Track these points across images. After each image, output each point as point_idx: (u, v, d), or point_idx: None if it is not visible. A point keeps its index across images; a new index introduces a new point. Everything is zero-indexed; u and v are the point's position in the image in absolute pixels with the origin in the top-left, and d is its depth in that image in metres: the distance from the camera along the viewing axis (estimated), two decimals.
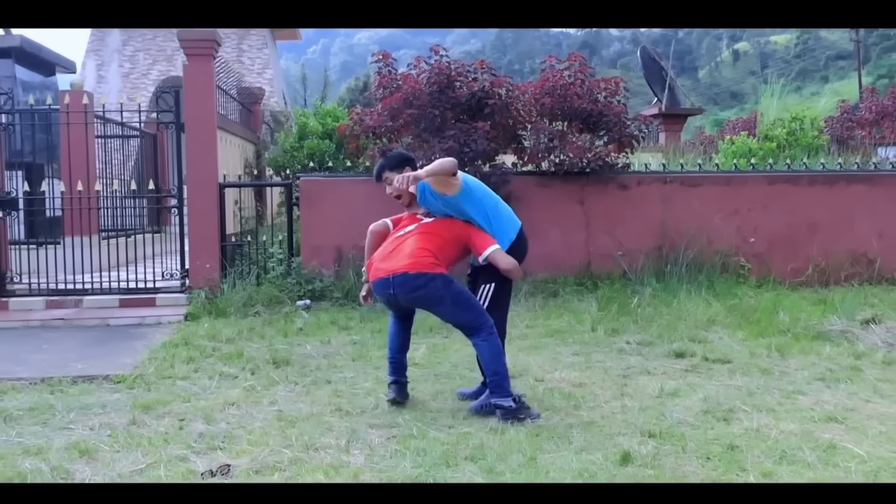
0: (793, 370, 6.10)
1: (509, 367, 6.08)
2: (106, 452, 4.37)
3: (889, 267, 9.56)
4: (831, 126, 16.54)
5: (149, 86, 20.70)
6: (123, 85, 20.65)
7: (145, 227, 11.46)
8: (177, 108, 9.12)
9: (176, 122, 9.20)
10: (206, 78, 9.03)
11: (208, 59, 9.05)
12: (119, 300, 8.77)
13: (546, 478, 3.88)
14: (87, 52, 21.23)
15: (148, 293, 8.87)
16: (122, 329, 7.99)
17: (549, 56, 10.13)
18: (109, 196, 10.17)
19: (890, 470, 4.03)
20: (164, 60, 21.37)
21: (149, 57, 21.43)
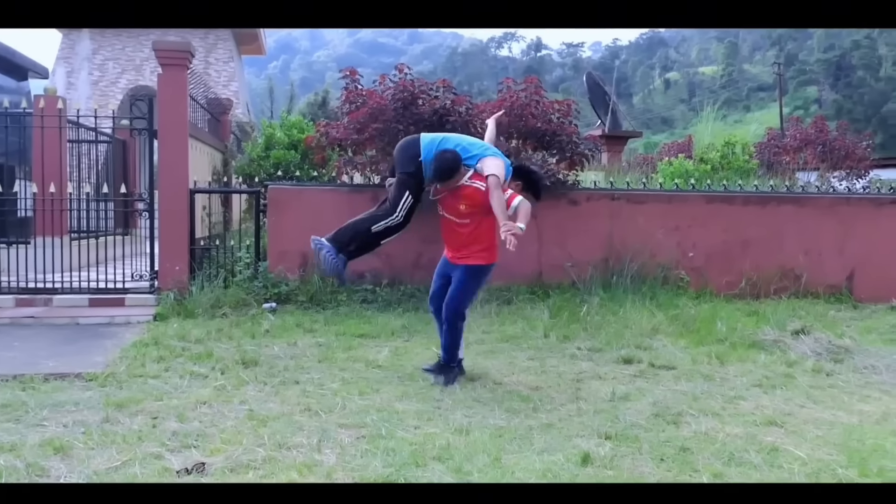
0: (732, 376, 6.16)
1: (469, 371, 6.08)
2: (80, 450, 4.19)
3: (814, 282, 9.72)
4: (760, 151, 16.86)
5: (117, 94, 20.26)
6: (92, 92, 20.18)
7: (114, 229, 11.13)
8: (150, 115, 8.90)
9: (149, 129, 8.98)
10: (179, 87, 8.82)
11: (182, 69, 8.84)
12: (89, 300, 8.48)
13: (512, 478, 3.83)
14: (58, 60, 20.71)
15: (117, 293, 8.60)
16: (91, 328, 7.72)
17: (507, 78, 10.13)
18: (80, 198, 9.87)
19: (829, 472, 4.07)
20: (132, 70, 20.93)
21: (118, 66, 20.97)
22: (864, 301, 9.63)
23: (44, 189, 8.86)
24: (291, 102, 33.10)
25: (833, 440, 4.60)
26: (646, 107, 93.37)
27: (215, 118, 12.80)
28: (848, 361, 6.67)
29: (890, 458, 4.28)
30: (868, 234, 9.94)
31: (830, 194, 10.78)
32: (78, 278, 8.66)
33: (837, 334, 7.44)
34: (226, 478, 3.78)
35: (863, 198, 10.54)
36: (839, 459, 4.25)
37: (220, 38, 21.45)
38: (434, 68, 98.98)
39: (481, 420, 4.82)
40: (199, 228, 9.33)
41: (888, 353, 6.96)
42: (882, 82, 76.52)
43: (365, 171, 9.64)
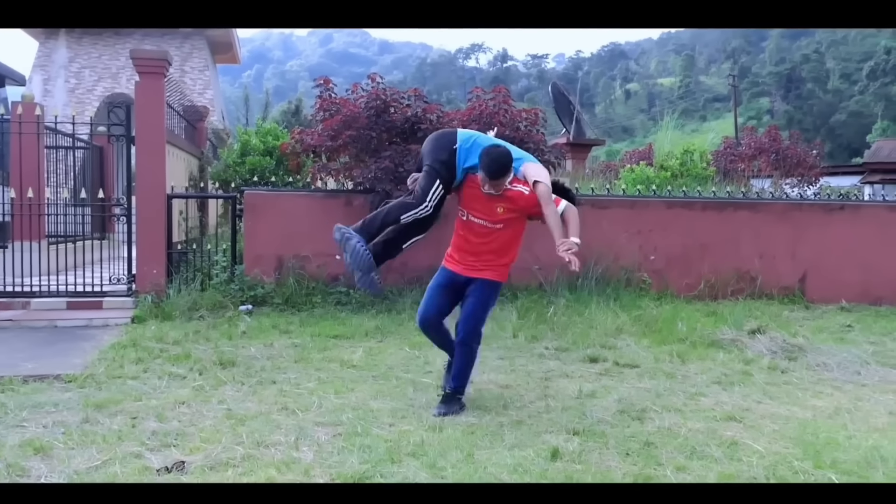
0: (693, 374, 6.22)
1: (441, 371, 6.05)
2: (61, 450, 4.11)
3: (769, 284, 9.86)
4: (717, 159, 17.08)
5: (93, 101, 19.98)
6: (69, 99, 19.87)
7: (91, 233, 10.97)
8: (127, 122, 8.81)
9: (126, 136, 8.88)
10: (156, 95, 8.72)
11: (159, 77, 8.75)
12: (67, 302, 8.34)
13: (484, 473, 3.82)
14: (34, 67, 20.40)
15: (95, 296, 8.47)
16: (69, 330, 7.60)
17: (476, 87, 10.16)
18: (58, 203, 9.72)
19: (785, 464, 4.11)
20: (109, 78, 20.67)
21: (94, 74, 20.70)
22: (816, 302, 9.79)
23: (21, 194, 8.71)
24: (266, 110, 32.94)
25: (789, 434, 4.66)
26: (608, 116, 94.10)
27: (191, 125, 12.70)
28: (801, 359, 6.75)
29: (842, 450, 4.34)
30: (819, 238, 10.11)
31: (783, 201, 10.96)
32: (56, 282, 8.53)
33: (791, 333, 7.56)
34: (205, 476, 3.73)
35: (814, 204, 10.74)
36: (795, 452, 4.30)
37: (195, 47, 21.26)
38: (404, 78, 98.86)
39: (454, 417, 4.81)
40: (176, 233, 9.23)
41: (839, 351, 7.06)
42: (830, 94, 77.88)
43: (339, 177, 9.61)
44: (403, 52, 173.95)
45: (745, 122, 46.17)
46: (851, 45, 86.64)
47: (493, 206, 4.91)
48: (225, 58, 24.50)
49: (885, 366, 6.71)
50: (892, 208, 10.76)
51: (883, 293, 9.99)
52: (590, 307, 8.35)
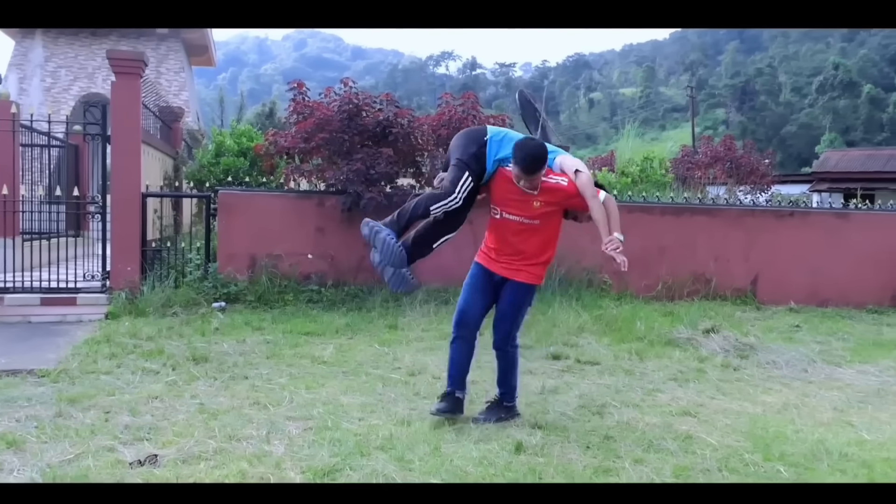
0: (650, 371, 6.28)
1: (410, 367, 6.06)
2: (34, 443, 4.05)
3: (723, 285, 9.99)
4: (675, 166, 17.29)
5: (69, 101, 19.61)
6: (45, 98, 19.47)
7: (66, 231, 10.77)
8: (103, 121, 8.67)
9: (102, 135, 8.73)
10: (132, 95, 8.60)
11: (135, 77, 8.62)
12: (40, 299, 8.17)
13: (451, 465, 3.83)
14: (10, 66, 19.98)
15: (69, 293, 8.31)
16: (43, 326, 7.46)
17: (446, 93, 10.18)
18: (33, 200, 9.54)
19: (737, 457, 4.18)
20: (85, 78, 20.31)
21: (70, 73, 20.32)
22: (766, 303, 9.94)
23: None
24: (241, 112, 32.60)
25: (740, 428, 4.73)
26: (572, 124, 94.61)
27: (167, 125, 12.54)
28: (752, 357, 6.85)
29: (790, 443, 4.42)
30: (770, 243, 10.27)
31: (737, 206, 11.11)
32: (30, 278, 8.35)
33: (743, 333, 7.66)
34: (178, 469, 3.69)
35: (765, 210, 10.90)
36: (746, 445, 4.37)
37: (171, 49, 20.98)
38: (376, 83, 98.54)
39: (422, 412, 4.80)
40: (151, 231, 9.11)
41: (787, 349, 7.18)
42: (782, 107, 79.17)
43: (311, 179, 9.56)
44: (376, 58, 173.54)
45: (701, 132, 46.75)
46: (802, 61, 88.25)
47: (529, 200, 4.44)
48: (200, 60, 24.22)
49: (831, 364, 6.84)
50: (839, 215, 10.97)
51: (829, 295, 10.17)
52: (553, 307, 8.38)
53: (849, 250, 10.42)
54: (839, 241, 10.46)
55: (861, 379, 6.33)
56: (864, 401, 5.61)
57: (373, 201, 8.46)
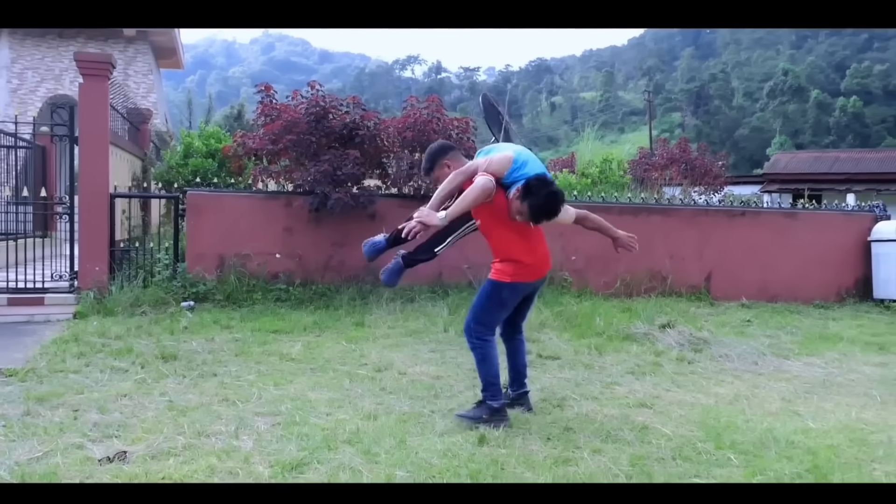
0: (609, 365, 6.35)
1: (376, 363, 6.06)
2: (1, 442, 3.96)
3: (678, 282, 10.15)
4: (633, 168, 17.48)
5: (36, 102, 19.20)
6: (11, 99, 19.04)
7: (33, 231, 10.55)
8: (71, 122, 8.52)
9: (70, 136, 8.59)
10: (100, 97, 8.46)
11: (103, 79, 8.49)
12: (7, 299, 8.01)
13: (416, 458, 3.84)
14: None
15: (37, 293, 8.16)
16: (10, 326, 7.30)
17: (411, 96, 10.18)
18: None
19: (690, 446, 4.24)
20: (52, 79, 19.89)
21: (37, 75, 19.88)
22: (720, 299, 10.12)
23: None
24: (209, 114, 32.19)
25: (694, 419, 4.81)
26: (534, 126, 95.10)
27: (135, 127, 12.37)
28: (706, 351, 6.97)
29: (740, 433, 4.51)
30: (723, 241, 10.46)
31: (692, 206, 11.29)
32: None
33: (697, 328, 7.77)
34: (147, 465, 3.65)
35: (719, 210, 11.10)
36: (699, 435, 4.44)
37: (139, 52, 20.66)
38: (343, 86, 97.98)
39: (388, 407, 4.82)
40: (119, 231, 8.98)
41: (739, 343, 7.31)
42: (734, 111, 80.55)
43: (279, 180, 9.50)
44: (343, 61, 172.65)
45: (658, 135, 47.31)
46: (754, 66, 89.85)
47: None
48: (168, 63, 23.89)
49: (780, 357, 6.99)
50: (788, 214, 11.21)
51: (779, 291, 10.40)
52: None
53: (797, 248, 10.66)
54: (788, 239, 10.70)
55: (808, 371, 6.48)
56: (810, 391, 5.73)
57: (339, 202, 8.44)
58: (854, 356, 7.16)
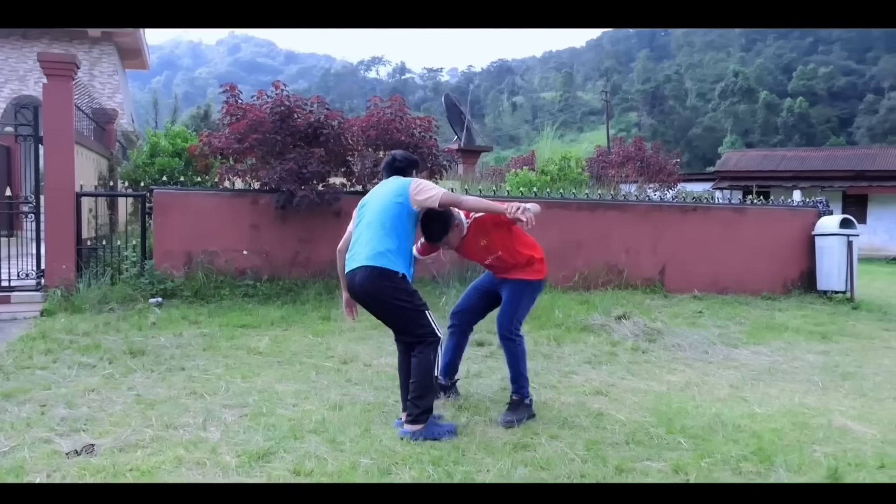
0: (567, 355, 6.44)
1: (342, 356, 6.05)
2: None
3: (634, 275, 10.29)
4: (591, 165, 17.65)
5: (0, 103, 18.77)
6: None
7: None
8: (35, 123, 8.35)
9: (34, 136, 8.42)
10: (64, 97, 8.31)
11: (67, 80, 8.34)
12: None
13: (380, 445, 3.87)
14: None
15: (3, 291, 8.00)
16: None
17: (374, 96, 10.17)
18: None
19: (643, 431, 4.33)
20: (16, 80, 19.46)
21: (1, 76, 19.44)
22: (673, 291, 10.29)
23: None
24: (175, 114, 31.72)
25: (647, 405, 4.91)
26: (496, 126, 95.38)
27: (101, 127, 12.16)
28: (659, 341, 7.10)
29: (690, 418, 4.61)
30: (676, 235, 10.63)
31: (646, 202, 11.45)
32: None
33: (651, 319, 7.91)
34: (115, 457, 3.62)
35: (672, 206, 11.27)
36: (651, 420, 4.54)
37: (104, 53, 20.29)
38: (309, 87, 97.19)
39: (353, 397, 4.84)
40: (86, 230, 8.83)
41: (691, 333, 7.47)
42: (688, 111, 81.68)
43: (245, 178, 9.43)
44: (308, 62, 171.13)
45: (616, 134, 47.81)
46: (706, 68, 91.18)
47: (477, 248, 4.71)
48: (134, 63, 23.51)
49: (729, 346, 7.16)
50: (737, 210, 11.43)
51: (728, 284, 10.60)
52: None
53: (746, 242, 10.88)
54: (737, 234, 10.91)
55: (755, 359, 6.65)
56: (756, 378, 5.89)
57: (305, 199, 8.42)
58: (798, 345, 7.35)
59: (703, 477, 3.60)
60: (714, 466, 3.75)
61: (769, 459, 3.87)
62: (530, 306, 4.90)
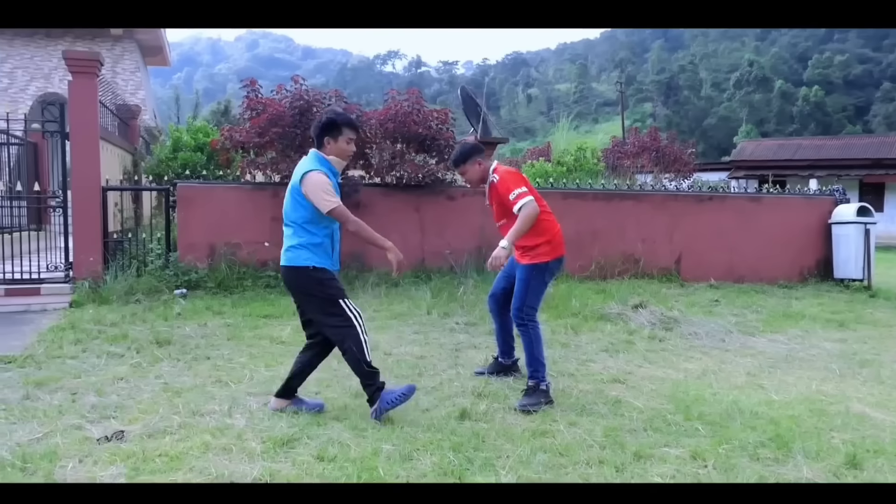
0: (584, 343, 6.43)
1: None
2: (2, 424, 3.98)
3: (650, 265, 10.26)
4: (606, 156, 17.56)
5: (27, 100, 18.95)
6: (2, 98, 18.80)
7: (28, 225, 10.46)
8: (61, 119, 8.44)
9: (61, 132, 8.50)
10: (89, 93, 8.39)
11: (92, 76, 8.41)
12: (4, 289, 7.96)
13: (401, 432, 3.89)
14: None
15: (33, 283, 8.11)
16: (8, 315, 7.26)
17: (392, 90, 10.18)
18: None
19: (661, 418, 4.33)
20: (41, 78, 19.65)
21: (27, 74, 19.64)
22: (689, 280, 10.24)
23: None
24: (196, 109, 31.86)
25: (664, 392, 4.90)
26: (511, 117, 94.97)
27: (124, 123, 12.25)
28: (676, 329, 7.06)
29: (708, 405, 4.60)
30: (692, 225, 10.57)
31: (662, 192, 11.39)
32: None
33: (668, 307, 7.87)
34: (144, 443, 3.67)
35: (688, 195, 11.20)
36: (669, 407, 4.53)
37: (126, 50, 20.44)
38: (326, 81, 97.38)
39: None
40: (112, 223, 8.92)
41: (707, 322, 7.43)
42: (703, 101, 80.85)
43: (266, 171, 9.46)
44: (325, 57, 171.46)
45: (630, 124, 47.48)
46: (721, 58, 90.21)
47: (493, 203, 4.86)
48: (155, 60, 23.67)
49: (745, 334, 7.11)
50: (753, 199, 11.34)
51: (744, 272, 10.53)
52: None
53: (762, 231, 10.79)
54: (753, 223, 10.82)
55: (772, 347, 6.60)
56: (774, 366, 5.85)
57: None
58: (815, 333, 7.29)
59: (721, 463, 3.60)
60: (732, 453, 3.74)
61: (787, 446, 3.85)
62: (541, 291, 4.82)
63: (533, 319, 4.74)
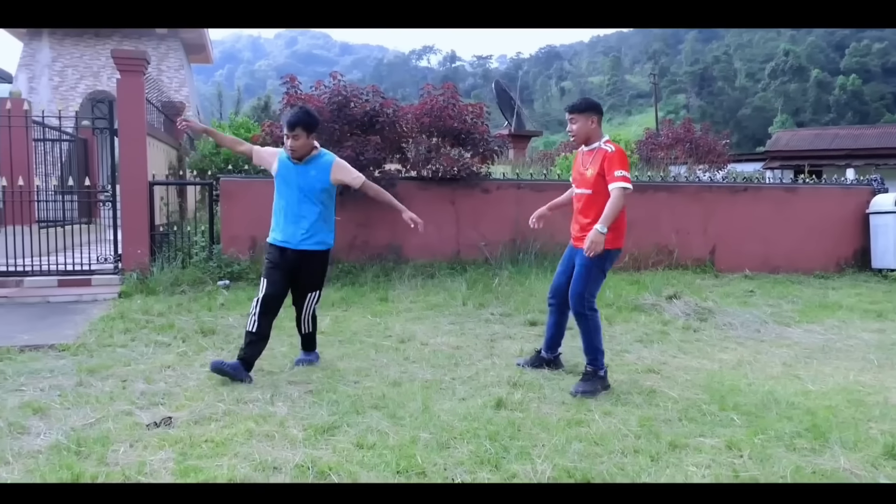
0: (619, 334, 6.37)
1: (400, 335, 6.11)
2: (58, 410, 4.07)
3: (684, 256, 10.11)
4: (640, 148, 17.35)
5: (76, 98, 19.41)
6: (53, 96, 19.27)
7: (79, 218, 10.71)
8: (110, 116, 8.60)
9: (110, 128, 8.67)
10: (137, 91, 8.54)
11: (139, 75, 8.56)
12: (57, 280, 8.16)
13: (438, 421, 3.89)
14: (20, 66, 19.73)
15: (84, 274, 8.30)
16: (61, 305, 7.45)
17: (427, 84, 10.17)
18: (46, 191, 9.49)
19: (696, 408, 4.26)
20: (90, 76, 20.11)
21: (77, 72, 20.11)
22: (723, 271, 10.07)
23: (12, 182, 8.49)
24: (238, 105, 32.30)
25: (699, 383, 4.83)
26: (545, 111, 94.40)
27: (170, 119, 12.44)
28: (711, 320, 6.96)
29: (743, 395, 4.52)
30: (726, 216, 10.39)
31: (696, 183, 11.21)
32: (47, 262, 8.35)
33: (702, 298, 7.75)
34: (191, 429, 3.73)
35: (722, 186, 11.00)
36: (704, 397, 4.47)
37: (171, 48, 20.78)
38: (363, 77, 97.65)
39: (411, 375, 4.88)
40: (158, 216, 9.09)
41: (742, 312, 7.29)
42: (737, 91, 79.43)
43: None
44: (362, 53, 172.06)
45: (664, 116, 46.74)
46: (756, 48, 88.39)
47: (579, 168, 4.99)
48: (198, 58, 24.02)
49: (781, 324, 6.97)
50: (788, 189, 11.11)
51: (780, 263, 10.33)
52: (529, 278, 8.47)
53: (797, 222, 10.57)
54: (789, 213, 10.60)
55: (808, 337, 6.46)
56: (810, 356, 5.73)
57: None
58: (853, 323, 7.13)
59: (757, 453, 3.54)
60: (768, 443, 3.68)
61: (824, 436, 3.77)
62: (600, 279, 4.85)
63: (592, 308, 4.73)
